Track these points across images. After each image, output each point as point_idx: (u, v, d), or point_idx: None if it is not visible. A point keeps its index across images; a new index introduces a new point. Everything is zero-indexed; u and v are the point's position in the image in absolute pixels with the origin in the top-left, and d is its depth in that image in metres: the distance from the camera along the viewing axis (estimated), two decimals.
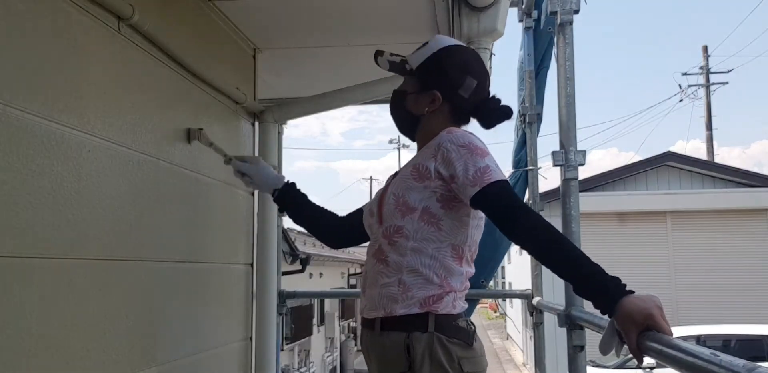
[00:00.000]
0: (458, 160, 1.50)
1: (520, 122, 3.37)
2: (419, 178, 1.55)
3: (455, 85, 1.63)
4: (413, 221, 1.54)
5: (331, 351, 15.95)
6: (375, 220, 1.62)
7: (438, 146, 1.54)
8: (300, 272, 10.85)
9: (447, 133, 1.56)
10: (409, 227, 1.54)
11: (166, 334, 1.98)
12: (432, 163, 1.54)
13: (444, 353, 1.48)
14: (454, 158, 1.50)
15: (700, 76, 20.13)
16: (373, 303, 1.57)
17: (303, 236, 14.52)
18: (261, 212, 2.80)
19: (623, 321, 1.28)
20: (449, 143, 1.53)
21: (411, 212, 1.54)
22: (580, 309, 2.07)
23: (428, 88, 1.64)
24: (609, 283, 1.34)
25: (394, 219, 1.56)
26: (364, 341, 1.64)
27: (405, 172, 1.60)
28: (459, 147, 1.51)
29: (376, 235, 1.62)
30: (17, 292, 1.33)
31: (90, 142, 1.59)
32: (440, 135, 1.57)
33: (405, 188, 1.56)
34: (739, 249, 11.54)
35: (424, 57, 1.66)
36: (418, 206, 1.54)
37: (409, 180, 1.57)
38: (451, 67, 1.64)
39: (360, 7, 2.47)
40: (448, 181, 1.51)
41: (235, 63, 2.67)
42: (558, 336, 2.73)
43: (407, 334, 1.50)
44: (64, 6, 1.52)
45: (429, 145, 1.59)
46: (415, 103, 1.66)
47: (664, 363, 1.15)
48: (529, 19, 3.23)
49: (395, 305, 1.52)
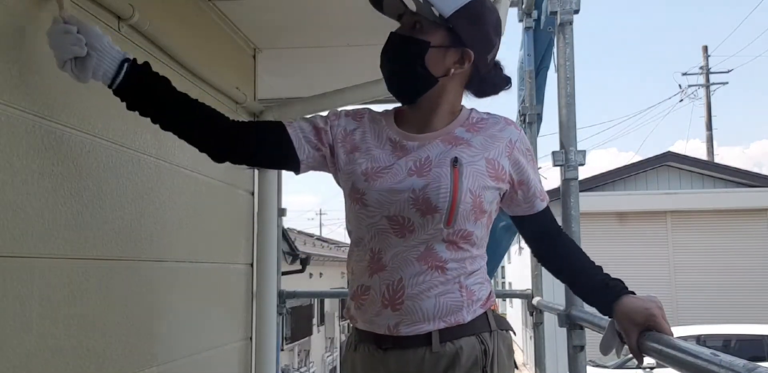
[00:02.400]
0: (529, 167, 1.39)
1: (520, 122, 3.38)
2: (495, 178, 1.35)
3: (489, 46, 1.38)
4: (482, 226, 1.37)
5: (331, 351, 15.95)
6: (439, 219, 1.30)
7: (511, 143, 1.37)
8: (300, 272, 10.87)
9: (516, 129, 1.40)
10: (478, 233, 1.36)
11: (166, 334, 1.98)
12: (507, 162, 1.36)
13: (506, 351, 1.38)
14: (524, 163, 1.38)
15: (700, 76, 20.14)
16: (423, 316, 1.31)
17: (303, 236, 14.53)
18: (261, 212, 2.80)
19: (623, 321, 1.28)
20: (521, 144, 1.39)
21: (482, 216, 1.35)
22: (580, 309, 2.07)
23: (460, 43, 1.34)
24: (610, 282, 1.35)
25: (467, 223, 1.32)
26: (393, 362, 1.34)
27: (477, 166, 1.33)
28: (527, 151, 1.41)
29: (429, 235, 1.32)
30: (17, 292, 1.33)
31: (90, 142, 1.59)
32: (506, 127, 1.39)
33: (482, 187, 1.33)
34: (739, 249, 11.54)
35: (460, 4, 1.33)
36: (489, 210, 1.36)
37: (485, 177, 1.33)
38: (490, 25, 1.37)
39: (360, 7, 2.47)
40: (516, 187, 1.39)
41: (235, 63, 2.67)
42: (558, 336, 2.73)
43: (476, 337, 1.34)
44: (64, 6, 1.51)
45: (491, 134, 1.37)
46: (441, 59, 1.34)
47: (664, 363, 1.15)
48: (529, 19, 3.23)
49: (461, 313, 1.33)
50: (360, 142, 1.40)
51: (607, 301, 1.33)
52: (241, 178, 2.68)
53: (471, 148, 1.35)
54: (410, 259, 1.32)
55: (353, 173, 1.37)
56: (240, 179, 2.67)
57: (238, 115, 2.66)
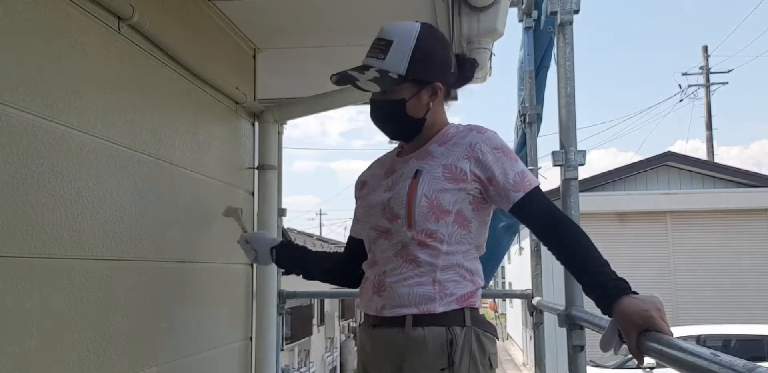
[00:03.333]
0: (495, 163, 1.48)
1: (520, 122, 3.38)
2: (453, 180, 1.50)
3: (448, 66, 1.57)
4: (447, 225, 1.50)
5: (331, 351, 15.96)
6: (402, 223, 1.51)
7: (470, 147, 1.50)
8: None
9: (477, 133, 1.53)
10: (443, 230, 1.50)
11: (166, 334, 1.98)
12: (466, 164, 1.49)
13: (478, 347, 1.50)
14: (490, 161, 1.48)
15: (700, 76, 20.13)
16: (400, 301, 1.51)
17: (303, 236, 14.53)
18: (261, 212, 2.80)
19: (622, 323, 1.28)
20: (483, 145, 1.50)
21: (445, 216, 1.49)
22: (580, 309, 2.07)
23: (426, 83, 1.54)
24: (609, 282, 1.34)
25: (427, 223, 1.49)
26: (377, 337, 1.57)
27: (434, 173, 1.51)
28: (494, 149, 1.50)
29: (401, 237, 1.52)
30: (17, 292, 1.33)
31: (90, 142, 1.59)
32: (468, 134, 1.53)
33: (438, 190, 1.49)
34: (739, 249, 11.54)
35: (406, 56, 1.51)
36: (452, 209, 1.50)
37: (441, 181, 1.50)
38: (436, 51, 1.55)
39: (360, 7, 2.47)
40: (486, 184, 1.49)
41: (235, 63, 2.67)
42: (558, 336, 2.73)
43: (447, 328, 1.48)
44: (64, 6, 1.52)
45: (455, 142, 1.54)
46: (418, 105, 1.56)
47: (664, 363, 1.15)
48: (529, 19, 3.23)
49: (433, 304, 1.49)
50: (370, 177, 1.71)
51: (606, 303, 1.33)
52: (241, 178, 2.68)
53: (434, 159, 1.54)
54: (390, 255, 1.55)
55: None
56: (240, 179, 2.67)
57: (238, 115, 2.67)
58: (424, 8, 2.47)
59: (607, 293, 1.33)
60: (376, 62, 1.51)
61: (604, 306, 1.35)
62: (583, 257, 1.42)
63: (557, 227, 1.48)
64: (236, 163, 2.65)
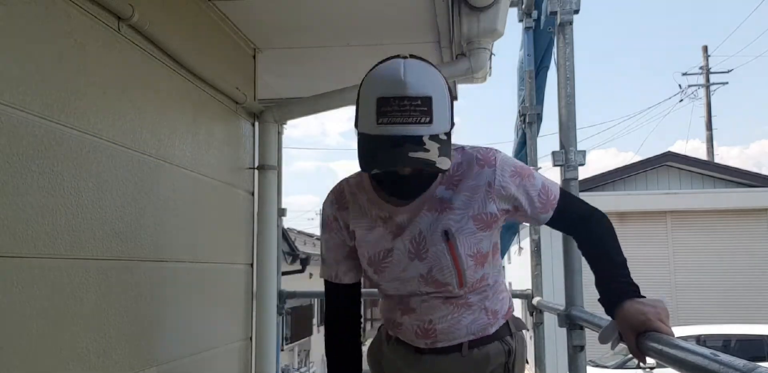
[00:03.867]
0: (518, 191, 1.39)
1: (520, 122, 3.38)
2: (486, 227, 1.40)
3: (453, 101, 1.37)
4: (490, 263, 1.46)
5: None
6: (453, 286, 1.41)
7: (490, 186, 1.37)
8: (300, 272, 10.87)
9: (488, 167, 1.37)
10: (489, 270, 1.46)
11: (167, 334, 1.98)
12: (493, 206, 1.38)
13: (522, 346, 1.56)
14: (513, 191, 1.38)
15: (700, 76, 20.12)
16: (456, 336, 1.47)
17: (303, 236, 14.53)
18: (261, 212, 2.80)
19: (621, 324, 1.29)
20: (500, 179, 1.37)
21: (486, 257, 1.44)
22: (580, 309, 2.07)
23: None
24: (613, 285, 1.35)
25: (476, 274, 1.42)
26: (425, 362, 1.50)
27: (466, 229, 1.38)
28: (511, 178, 1.38)
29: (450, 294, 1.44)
30: (17, 292, 1.33)
31: (90, 142, 1.59)
32: (480, 172, 1.36)
33: (476, 243, 1.40)
34: (739, 249, 11.53)
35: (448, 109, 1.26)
36: (489, 249, 1.44)
37: (475, 234, 1.39)
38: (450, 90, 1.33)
39: (360, 7, 2.47)
40: (513, 212, 1.42)
41: (235, 63, 2.67)
42: (558, 336, 2.73)
43: (500, 341, 1.50)
44: (64, 6, 1.52)
45: (468, 185, 1.37)
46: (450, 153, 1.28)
47: (664, 363, 1.15)
48: (529, 19, 3.23)
49: (488, 329, 1.50)
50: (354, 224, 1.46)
51: (608, 307, 1.35)
52: (241, 179, 2.68)
53: (455, 211, 1.38)
54: (436, 304, 1.45)
55: (362, 257, 1.47)
56: (240, 179, 2.67)
57: (238, 115, 2.67)
58: (425, 8, 2.47)
59: (611, 295, 1.34)
60: (424, 129, 1.19)
61: (607, 309, 1.36)
62: (597, 256, 1.43)
63: (580, 228, 1.46)
64: (236, 163, 2.65)
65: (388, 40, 2.78)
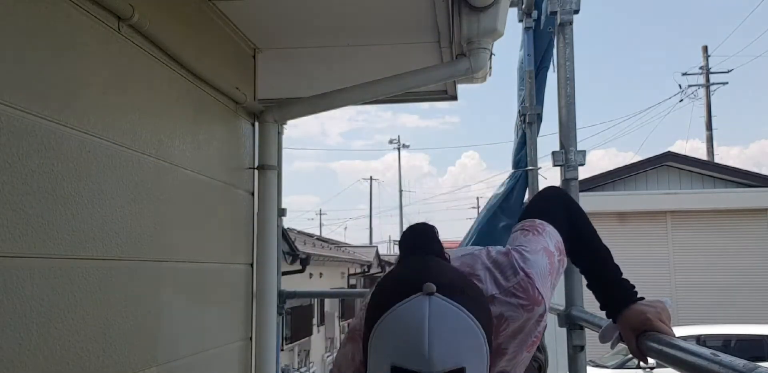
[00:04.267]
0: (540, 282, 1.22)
1: (520, 122, 3.37)
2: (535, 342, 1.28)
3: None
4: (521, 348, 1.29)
5: (331, 351, 15.94)
6: None
7: (540, 316, 1.23)
8: (300, 272, 10.86)
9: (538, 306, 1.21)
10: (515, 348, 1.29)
11: (166, 334, 1.98)
12: (536, 329, 1.23)
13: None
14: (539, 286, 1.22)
15: (700, 76, 20.12)
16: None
17: (303, 236, 14.53)
18: (261, 212, 2.80)
19: (621, 327, 1.30)
20: (547, 300, 1.24)
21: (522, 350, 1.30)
22: (580, 309, 2.07)
23: None
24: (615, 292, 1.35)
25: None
26: None
27: (521, 361, 1.26)
28: (554, 288, 1.29)
29: None
30: (18, 292, 1.33)
31: (90, 142, 1.59)
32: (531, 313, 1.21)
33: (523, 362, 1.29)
34: (739, 249, 11.53)
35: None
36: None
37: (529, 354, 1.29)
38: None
39: (360, 7, 2.47)
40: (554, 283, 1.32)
41: (235, 63, 2.67)
42: (558, 336, 2.73)
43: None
44: (64, 6, 1.52)
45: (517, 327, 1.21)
46: None
47: (664, 363, 1.15)
48: (529, 19, 3.23)
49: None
50: None
51: (610, 313, 1.36)
52: (241, 179, 2.68)
53: (507, 354, 1.24)
54: None
55: None
56: (240, 179, 2.67)
57: (238, 115, 2.67)
58: (425, 8, 2.47)
59: (615, 305, 1.34)
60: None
61: (608, 314, 1.37)
62: (591, 264, 1.44)
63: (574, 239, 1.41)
64: (236, 163, 2.65)
65: (388, 40, 2.78)
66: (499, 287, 1.21)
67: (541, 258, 1.26)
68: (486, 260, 1.24)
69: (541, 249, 1.28)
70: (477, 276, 1.21)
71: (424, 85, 2.77)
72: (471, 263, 1.24)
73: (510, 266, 1.22)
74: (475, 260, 1.25)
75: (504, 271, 1.22)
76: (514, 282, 1.21)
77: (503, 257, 1.25)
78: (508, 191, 3.19)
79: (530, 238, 1.31)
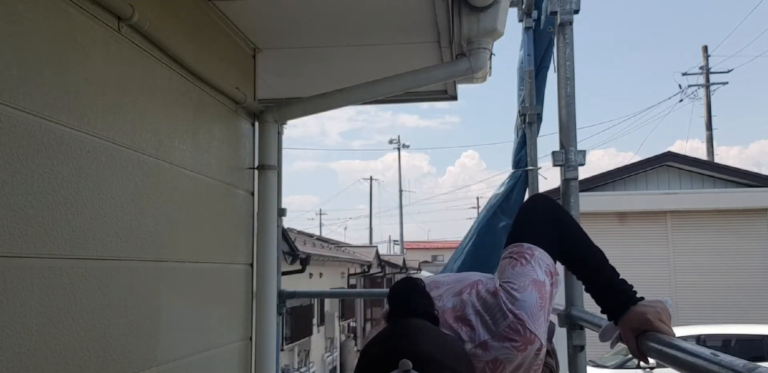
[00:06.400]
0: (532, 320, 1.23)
1: (520, 122, 3.37)
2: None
3: None
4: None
5: (331, 351, 15.95)
6: None
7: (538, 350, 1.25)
8: (300, 272, 10.85)
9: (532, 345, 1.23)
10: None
11: (166, 334, 1.98)
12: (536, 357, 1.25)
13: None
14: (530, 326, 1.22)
15: (700, 76, 20.11)
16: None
17: (303, 236, 14.53)
18: (261, 211, 2.80)
19: (622, 327, 1.30)
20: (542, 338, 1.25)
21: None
22: (580, 309, 2.07)
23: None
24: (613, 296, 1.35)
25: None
26: None
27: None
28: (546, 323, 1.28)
29: None
30: (17, 292, 1.33)
31: (90, 142, 1.59)
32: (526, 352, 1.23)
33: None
34: (739, 249, 11.53)
35: None
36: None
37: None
38: None
39: (360, 7, 2.47)
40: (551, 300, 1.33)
41: (235, 63, 2.67)
42: (558, 336, 2.73)
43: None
44: (64, 6, 1.52)
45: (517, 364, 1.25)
46: None
47: (664, 363, 1.15)
48: (529, 19, 3.23)
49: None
50: None
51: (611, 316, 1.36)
52: (241, 179, 2.68)
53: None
54: None
55: None
56: (240, 179, 2.67)
57: (238, 115, 2.67)
58: (425, 8, 2.47)
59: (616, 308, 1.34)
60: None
61: (609, 317, 1.37)
62: (584, 272, 1.43)
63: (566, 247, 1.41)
64: (236, 163, 2.65)
65: (388, 40, 2.78)
66: (490, 331, 1.22)
67: (530, 295, 1.25)
68: (476, 302, 1.27)
69: (530, 284, 1.28)
70: (468, 321, 1.23)
71: (424, 85, 2.77)
72: (462, 307, 1.26)
73: (499, 309, 1.23)
74: (465, 304, 1.27)
75: (494, 314, 1.24)
76: (504, 326, 1.22)
77: (492, 298, 1.26)
78: (508, 191, 3.19)
79: (518, 270, 1.31)
